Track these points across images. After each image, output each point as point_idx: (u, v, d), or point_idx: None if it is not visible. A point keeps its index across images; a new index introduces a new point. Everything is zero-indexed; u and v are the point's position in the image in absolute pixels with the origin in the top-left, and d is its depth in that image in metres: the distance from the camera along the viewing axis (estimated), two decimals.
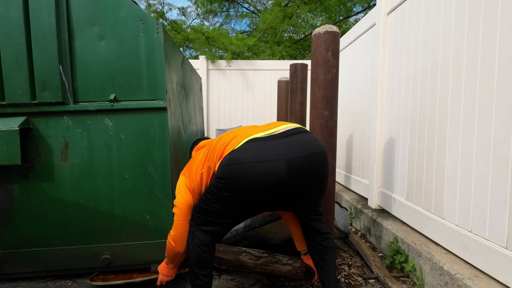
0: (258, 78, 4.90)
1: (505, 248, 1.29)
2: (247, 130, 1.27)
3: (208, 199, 1.21)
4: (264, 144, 1.15)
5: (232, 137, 1.22)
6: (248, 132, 1.24)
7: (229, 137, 1.24)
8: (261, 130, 1.25)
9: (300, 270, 1.62)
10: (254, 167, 1.10)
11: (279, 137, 1.18)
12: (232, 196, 1.16)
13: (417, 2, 1.98)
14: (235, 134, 1.24)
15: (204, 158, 1.29)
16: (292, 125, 1.27)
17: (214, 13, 8.75)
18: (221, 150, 1.21)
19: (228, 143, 1.20)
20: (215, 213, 1.22)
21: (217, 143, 1.27)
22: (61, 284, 1.72)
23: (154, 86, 1.65)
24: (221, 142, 1.25)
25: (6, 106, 1.59)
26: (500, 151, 1.32)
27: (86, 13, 1.60)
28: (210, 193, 1.21)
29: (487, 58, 1.39)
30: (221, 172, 1.14)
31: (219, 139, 1.29)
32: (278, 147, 1.14)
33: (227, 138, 1.24)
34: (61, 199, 1.68)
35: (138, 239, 1.73)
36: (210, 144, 1.33)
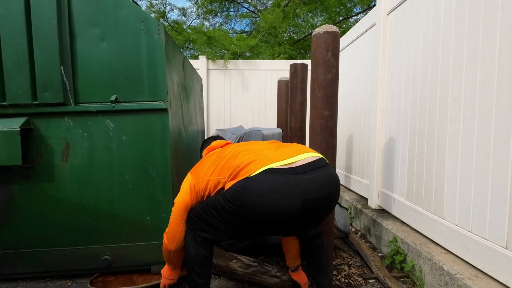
0: (258, 78, 4.90)
1: (505, 248, 1.30)
2: (266, 153, 1.19)
3: (211, 212, 1.19)
4: (281, 178, 1.09)
5: (250, 161, 1.15)
6: (268, 157, 1.16)
7: (246, 159, 1.16)
8: (280, 156, 1.17)
9: (287, 284, 1.62)
10: (267, 201, 1.06)
11: (298, 172, 1.11)
12: (236, 221, 1.14)
13: (417, 2, 1.99)
14: (254, 158, 1.16)
15: (214, 167, 1.25)
16: (312, 156, 1.19)
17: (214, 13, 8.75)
18: (236, 171, 1.15)
19: (245, 166, 1.14)
20: (215, 228, 1.21)
21: (232, 158, 1.22)
22: (61, 284, 1.72)
23: (155, 87, 1.66)
24: (237, 161, 1.18)
25: (7, 106, 1.60)
26: (500, 151, 1.32)
27: (88, 14, 1.60)
28: (214, 208, 1.18)
29: (487, 58, 1.40)
30: (231, 196, 1.11)
31: (234, 155, 1.23)
32: (295, 184, 1.08)
33: (244, 159, 1.17)
34: (61, 200, 1.68)
35: (138, 240, 1.73)
36: (223, 154, 1.29)
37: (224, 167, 1.21)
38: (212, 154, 1.39)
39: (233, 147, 1.32)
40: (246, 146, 1.30)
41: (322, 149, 1.69)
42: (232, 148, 1.31)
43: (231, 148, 1.31)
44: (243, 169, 1.13)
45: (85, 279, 1.75)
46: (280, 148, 1.25)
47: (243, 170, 1.13)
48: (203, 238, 1.25)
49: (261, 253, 2.15)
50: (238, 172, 1.14)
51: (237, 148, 1.29)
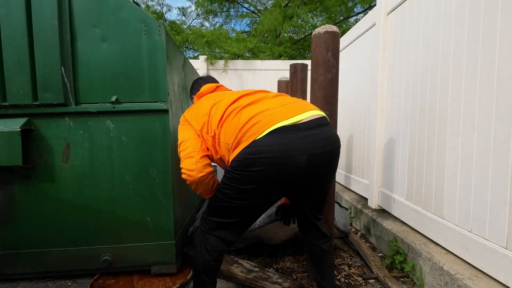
0: (258, 78, 4.90)
1: (505, 248, 1.30)
2: (271, 112, 1.14)
3: (224, 194, 1.18)
4: (286, 136, 1.09)
5: (254, 123, 1.12)
6: (272, 116, 1.13)
7: (248, 121, 1.13)
8: (285, 115, 1.14)
9: None
10: (274, 161, 1.07)
11: (303, 129, 1.11)
12: (250, 190, 1.13)
13: (417, 2, 1.99)
14: (258, 119, 1.12)
15: (208, 123, 1.25)
16: (315, 114, 1.18)
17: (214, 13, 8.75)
18: (240, 136, 1.12)
19: (249, 129, 1.11)
20: (230, 214, 1.20)
21: (234, 119, 1.17)
22: (61, 284, 1.73)
23: (156, 88, 1.66)
24: (239, 121, 1.15)
25: (8, 107, 1.60)
26: (500, 151, 1.33)
27: (89, 15, 1.60)
28: (226, 187, 1.17)
29: (487, 58, 1.40)
30: (240, 164, 1.10)
31: (237, 114, 1.18)
32: (300, 140, 1.09)
33: (246, 119, 1.14)
34: (62, 200, 1.68)
35: (138, 241, 1.73)
36: (221, 105, 1.25)
37: (228, 129, 1.18)
38: (205, 103, 1.33)
39: (231, 97, 1.27)
40: (248, 99, 1.24)
41: None
42: (230, 98, 1.26)
43: (229, 99, 1.26)
44: (247, 132, 1.11)
45: (85, 279, 1.75)
46: (284, 105, 1.19)
47: (248, 133, 1.11)
48: (215, 241, 1.24)
49: (261, 253, 2.15)
50: (242, 136, 1.12)
51: (239, 103, 1.23)
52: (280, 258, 2.07)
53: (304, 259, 2.03)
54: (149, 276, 1.75)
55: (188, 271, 1.83)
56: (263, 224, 1.84)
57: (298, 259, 2.04)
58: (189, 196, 2.23)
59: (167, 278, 1.74)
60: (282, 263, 2.00)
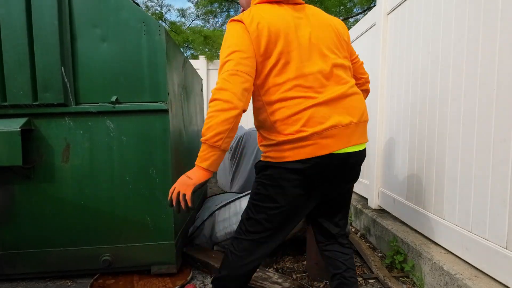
0: None
1: (505, 248, 1.30)
2: (347, 131, 1.02)
3: (268, 207, 1.05)
4: (345, 132, 1.02)
5: (332, 134, 1.00)
6: (346, 138, 1.02)
7: (329, 128, 0.99)
8: (352, 139, 1.04)
9: None
10: (336, 156, 1.01)
11: (352, 162, 1.06)
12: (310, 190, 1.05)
13: (417, 2, 1.99)
14: (336, 132, 1.00)
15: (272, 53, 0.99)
16: (363, 147, 1.11)
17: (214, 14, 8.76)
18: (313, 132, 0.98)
19: (326, 137, 0.99)
20: (276, 222, 1.07)
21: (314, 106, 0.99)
22: (61, 284, 1.73)
23: (156, 88, 1.66)
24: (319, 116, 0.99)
25: (8, 107, 1.60)
26: (500, 151, 1.33)
27: (89, 15, 1.60)
28: (275, 193, 1.04)
29: (487, 58, 1.40)
30: (317, 169, 1.00)
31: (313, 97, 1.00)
32: (348, 172, 1.07)
33: (327, 124, 0.99)
34: (62, 200, 1.68)
35: (138, 241, 1.73)
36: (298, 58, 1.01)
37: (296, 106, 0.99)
38: (284, 13, 1.04)
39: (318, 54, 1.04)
40: (335, 90, 1.04)
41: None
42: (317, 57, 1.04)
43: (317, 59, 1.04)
44: (324, 138, 0.98)
45: (85, 279, 1.75)
46: (357, 124, 1.06)
47: (324, 141, 0.98)
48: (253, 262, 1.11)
49: None
50: (316, 137, 0.98)
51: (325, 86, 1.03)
52: (280, 258, 2.07)
53: (304, 259, 2.03)
54: (149, 276, 1.75)
55: (188, 271, 1.83)
56: None
57: (298, 259, 2.03)
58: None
59: (167, 279, 1.73)
60: (282, 263, 2.00)
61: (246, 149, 3.37)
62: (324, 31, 1.09)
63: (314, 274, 1.77)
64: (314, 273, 1.77)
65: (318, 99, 1.01)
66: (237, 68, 0.95)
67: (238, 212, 1.99)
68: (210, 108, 0.95)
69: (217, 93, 0.94)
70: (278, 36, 1.00)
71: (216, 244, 2.07)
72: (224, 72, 0.95)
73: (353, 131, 1.05)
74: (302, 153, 1.00)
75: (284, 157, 1.02)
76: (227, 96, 0.93)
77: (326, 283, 1.74)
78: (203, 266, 1.86)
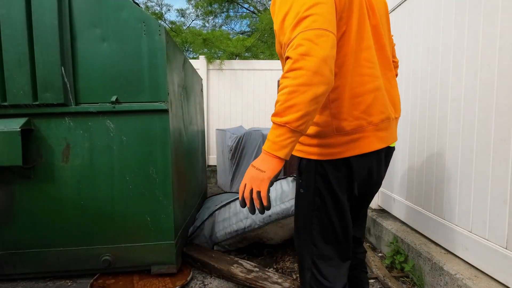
0: (258, 78, 4.90)
1: (505, 248, 1.30)
2: (392, 122, 0.92)
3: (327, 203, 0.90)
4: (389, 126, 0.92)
5: (385, 127, 0.90)
6: (390, 130, 0.93)
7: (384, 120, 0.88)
8: (393, 133, 0.97)
9: None
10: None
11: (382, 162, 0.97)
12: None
13: (417, 3, 1.99)
14: (387, 125, 0.90)
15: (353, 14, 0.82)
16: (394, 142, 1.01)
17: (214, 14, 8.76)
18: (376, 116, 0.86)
19: (382, 128, 0.88)
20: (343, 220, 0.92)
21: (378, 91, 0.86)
22: (61, 284, 1.72)
23: (156, 88, 1.66)
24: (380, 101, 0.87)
25: (8, 107, 1.60)
26: (500, 151, 1.33)
27: (89, 14, 1.60)
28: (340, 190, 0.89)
29: (487, 58, 1.40)
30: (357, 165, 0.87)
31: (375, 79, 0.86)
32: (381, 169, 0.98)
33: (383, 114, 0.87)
34: (62, 200, 1.68)
35: (138, 241, 1.73)
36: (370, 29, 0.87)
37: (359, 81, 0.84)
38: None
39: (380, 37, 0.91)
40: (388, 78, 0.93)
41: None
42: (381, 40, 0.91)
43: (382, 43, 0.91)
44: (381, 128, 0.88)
45: (85, 279, 1.75)
46: (395, 119, 0.97)
47: (382, 132, 0.88)
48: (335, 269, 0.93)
49: (261, 253, 2.15)
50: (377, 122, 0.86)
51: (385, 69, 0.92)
52: (280, 258, 2.07)
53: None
54: (149, 276, 1.75)
55: (188, 271, 1.83)
56: (263, 224, 1.84)
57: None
58: (189, 196, 2.23)
59: (167, 279, 1.73)
60: (282, 263, 2.00)
61: (246, 149, 3.37)
62: (379, 2, 0.95)
63: None
64: None
65: (379, 81, 0.86)
66: (326, 27, 0.70)
67: (238, 212, 1.99)
68: (290, 79, 0.69)
69: (301, 60, 0.67)
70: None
71: (216, 244, 2.07)
72: (306, 30, 0.69)
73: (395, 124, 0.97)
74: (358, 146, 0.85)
75: (336, 153, 0.86)
76: (316, 66, 0.67)
77: None
78: (203, 266, 1.86)
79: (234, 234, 1.96)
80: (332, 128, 0.85)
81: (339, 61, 0.82)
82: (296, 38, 0.70)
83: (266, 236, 1.99)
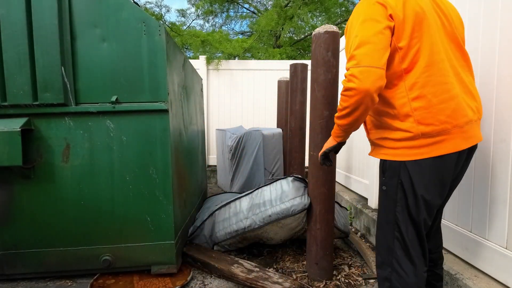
0: (258, 78, 4.90)
1: (505, 248, 1.30)
2: (471, 124, 1.02)
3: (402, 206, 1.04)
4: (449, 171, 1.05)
5: (467, 129, 1.00)
6: (471, 132, 1.02)
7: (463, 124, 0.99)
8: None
9: None
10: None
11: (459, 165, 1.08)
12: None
13: None
14: (468, 128, 1.01)
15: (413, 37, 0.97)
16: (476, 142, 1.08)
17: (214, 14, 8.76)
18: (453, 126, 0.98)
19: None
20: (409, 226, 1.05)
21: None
22: (61, 284, 1.72)
23: (156, 88, 1.66)
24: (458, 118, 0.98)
25: (8, 107, 1.60)
26: (500, 151, 1.33)
27: (89, 14, 1.60)
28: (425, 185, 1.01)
29: (487, 58, 1.40)
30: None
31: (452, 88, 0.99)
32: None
33: (464, 118, 0.99)
34: (62, 200, 1.68)
35: (138, 241, 1.73)
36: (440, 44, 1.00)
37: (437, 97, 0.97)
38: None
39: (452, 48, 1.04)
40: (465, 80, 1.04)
41: (322, 149, 1.69)
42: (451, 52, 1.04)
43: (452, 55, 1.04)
44: (461, 132, 0.99)
45: (85, 279, 1.75)
46: (475, 121, 1.05)
47: (460, 136, 0.99)
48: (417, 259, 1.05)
49: (261, 253, 2.15)
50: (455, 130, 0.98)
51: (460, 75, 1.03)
52: (280, 258, 2.07)
53: (304, 259, 2.03)
54: (149, 276, 1.75)
55: (188, 271, 1.83)
56: (263, 224, 1.84)
57: (298, 259, 2.03)
58: (189, 196, 2.23)
59: (167, 279, 1.73)
60: (282, 263, 2.00)
61: (246, 149, 3.37)
62: (452, 14, 1.09)
63: (314, 274, 1.77)
64: (314, 273, 1.77)
65: (457, 89, 1.01)
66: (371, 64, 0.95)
67: (238, 212, 1.99)
68: (342, 99, 1.02)
69: (348, 90, 0.98)
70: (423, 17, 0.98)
71: (216, 244, 2.07)
72: (353, 67, 0.96)
73: None
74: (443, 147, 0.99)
75: (421, 153, 1.00)
76: (358, 98, 0.98)
77: (326, 283, 1.74)
78: (203, 266, 1.86)
79: (234, 234, 1.96)
80: (418, 133, 0.99)
81: (416, 73, 0.98)
82: (347, 72, 0.98)
83: (266, 236, 1.99)
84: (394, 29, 0.97)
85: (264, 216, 1.84)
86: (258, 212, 1.87)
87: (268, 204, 1.85)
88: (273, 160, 3.38)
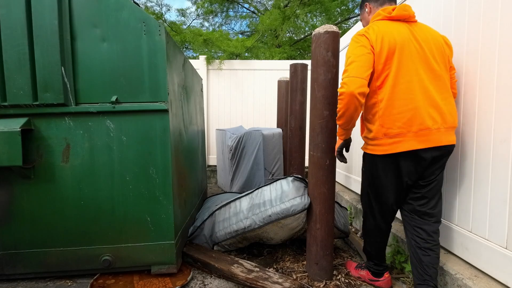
0: (258, 78, 4.90)
1: (505, 248, 1.30)
2: (440, 130, 1.37)
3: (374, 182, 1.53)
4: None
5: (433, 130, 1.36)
6: (438, 134, 1.37)
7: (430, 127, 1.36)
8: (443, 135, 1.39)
9: None
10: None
11: (426, 164, 1.43)
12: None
13: (417, 2, 1.99)
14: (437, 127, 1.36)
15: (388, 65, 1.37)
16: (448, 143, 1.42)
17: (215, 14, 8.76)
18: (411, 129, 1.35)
19: (424, 134, 1.35)
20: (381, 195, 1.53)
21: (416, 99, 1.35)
22: (61, 284, 1.72)
23: (156, 88, 1.66)
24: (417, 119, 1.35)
25: (8, 107, 1.60)
26: (500, 151, 1.33)
27: (89, 14, 1.60)
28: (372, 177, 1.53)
29: (487, 58, 1.40)
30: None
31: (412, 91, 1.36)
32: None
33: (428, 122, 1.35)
34: (62, 200, 1.68)
35: (138, 241, 1.73)
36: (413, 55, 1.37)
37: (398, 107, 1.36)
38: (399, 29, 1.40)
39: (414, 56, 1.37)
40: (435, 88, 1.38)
41: (322, 149, 1.69)
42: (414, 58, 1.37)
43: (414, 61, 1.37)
44: (423, 134, 1.35)
45: (85, 279, 1.75)
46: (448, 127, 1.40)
47: (423, 137, 1.35)
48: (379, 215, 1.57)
49: (261, 253, 2.15)
50: (414, 131, 1.35)
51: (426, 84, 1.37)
52: (280, 258, 2.07)
53: (304, 259, 2.03)
54: (149, 276, 1.75)
55: (188, 272, 1.83)
56: (263, 224, 1.84)
57: (298, 259, 2.03)
58: (189, 196, 2.23)
59: (167, 279, 1.73)
60: (282, 263, 2.00)
61: (246, 149, 3.37)
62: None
63: (314, 274, 1.77)
64: (314, 273, 1.77)
65: (417, 103, 1.39)
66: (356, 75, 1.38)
67: (238, 212, 1.99)
68: (338, 102, 1.42)
69: (341, 94, 1.39)
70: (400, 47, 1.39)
71: (216, 244, 2.07)
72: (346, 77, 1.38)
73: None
74: None
75: (384, 150, 1.45)
76: (348, 99, 1.38)
77: (326, 283, 1.74)
78: (203, 266, 1.86)
79: (234, 234, 1.96)
80: (381, 133, 1.40)
81: (384, 90, 1.37)
82: (342, 80, 1.38)
83: (266, 236, 1.99)
84: (374, 56, 1.37)
85: (264, 216, 1.84)
86: (258, 212, 1.87)
87: (268, 204, 1.85)
88: (273, 160, 3.38)
